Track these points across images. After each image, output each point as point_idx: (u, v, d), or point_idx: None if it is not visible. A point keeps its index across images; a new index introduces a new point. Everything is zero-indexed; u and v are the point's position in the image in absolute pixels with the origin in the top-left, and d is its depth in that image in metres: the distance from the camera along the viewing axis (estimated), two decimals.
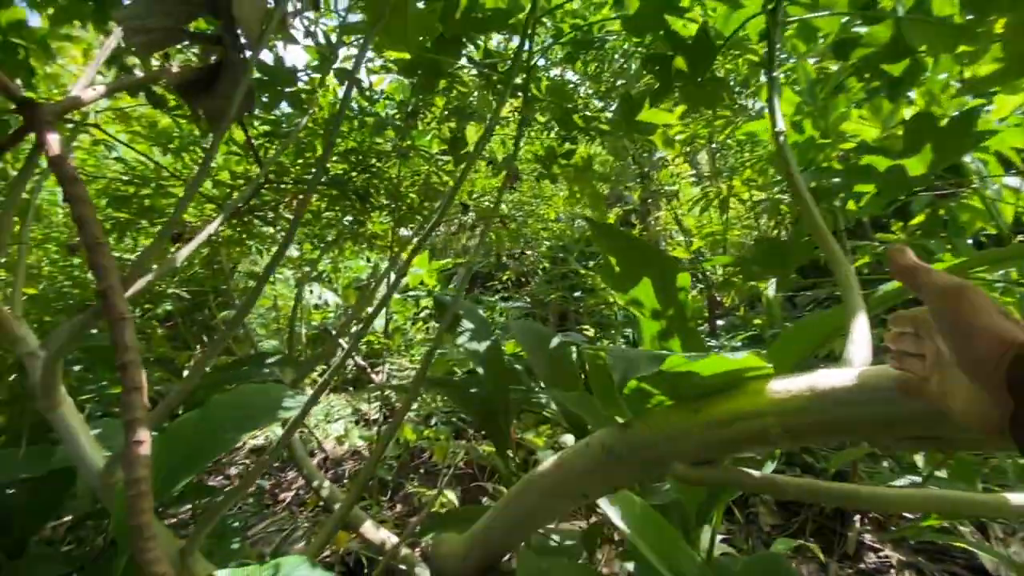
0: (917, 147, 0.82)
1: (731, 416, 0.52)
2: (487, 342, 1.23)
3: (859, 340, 0.53)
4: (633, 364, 0.48)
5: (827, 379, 0.47)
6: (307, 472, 1.76)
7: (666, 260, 1.08)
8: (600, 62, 2.64)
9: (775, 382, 0.51)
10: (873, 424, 0.45)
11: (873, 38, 1.08)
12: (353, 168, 2.30)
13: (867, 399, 0.45)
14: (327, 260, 3.92)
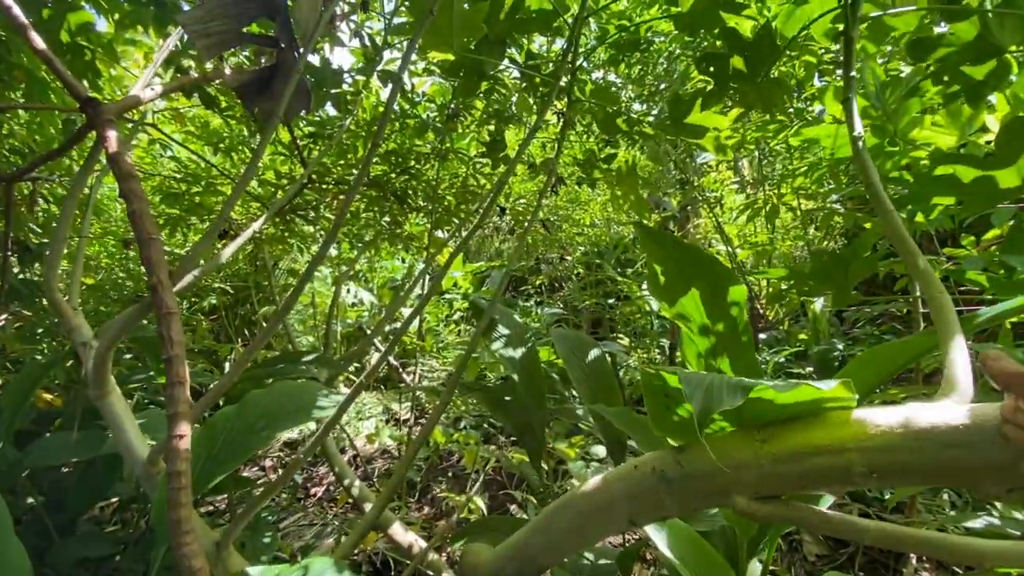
0: (1011, 156, 0.74)
1: (806, 450, 0.47)
2: (522, 349, 1.19)
3: (960, 372, 0.47)
4: (715, 395, 0.43)
5: (928, 415, 0.42)
6: (338, 469, 1.77)
7: (720, 270, 1.01)
8: (644, 64, 2.58)
9: (860, 414, 0.46)
10: (982, 470, 0.39)
11: (955, 37, 1.00)
12: (392, 169, 2.31)
13: (978, 441, 0.39)
14: (364, 260, 3.98)
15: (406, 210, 2.45)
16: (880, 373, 0.61)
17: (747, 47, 1.03)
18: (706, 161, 3.62)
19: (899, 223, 0.61)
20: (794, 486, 0.49)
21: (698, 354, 1.12)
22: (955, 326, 0.50)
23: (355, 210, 2.65)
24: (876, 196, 0.63)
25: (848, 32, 0.77)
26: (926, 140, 1.17)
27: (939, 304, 0.53)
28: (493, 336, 1.25)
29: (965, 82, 1.02)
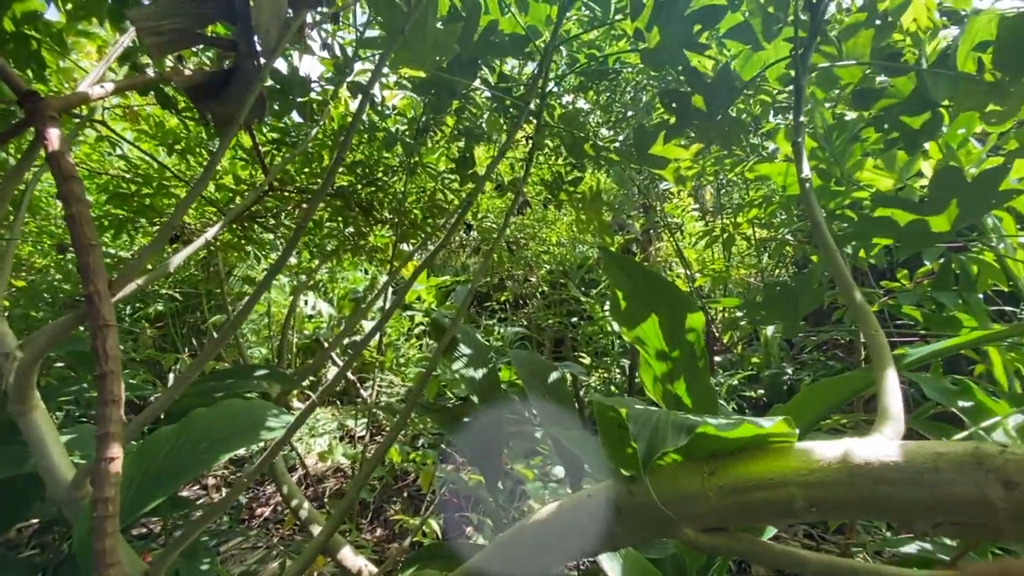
0: (942, 203, 0.80)
1: (750, 483, 0.48)
2: (483, 369, 1.18)
3: (891, 407, 0.49)
4: (659, 435, 0.44)
5: (862, 451, 0.43)
6: (286, 490, 1.69)
7: (679, 297, 1.04)
8: (612, 92, 2.66)
9: (801, 448, 0.47)
10: (913, 506, 0.41)
11: (895, 89, 1.08)
12: (359, 180, 2.28)
13: (910, 479, 0.41)
14: (325, 270, 3.88)
15: (371, 222, 2.41)
16: (824, 406, 0.64)
17: (707, 86, 1.08)
18: (668, 188, 3.75)
19: (839, 260, 0.64)
20: (740, 518, 0.50)
21: (655, 378, 1.15)
22: (889, 362, 0.53)
23: (318, 219, 2.60)
24: (819, 234, 0.67)
25: (798, 80, 0.82)
26: (868, 182, 1.25)
27: (874, 342, 0.56)
28: (454, 355, 1.23)
29: (903, 130, 1.10)
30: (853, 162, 1.20)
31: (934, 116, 1.04)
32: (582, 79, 2.18)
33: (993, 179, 0.77)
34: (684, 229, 3.26)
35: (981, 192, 0.78)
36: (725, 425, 0.45)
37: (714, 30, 1.21)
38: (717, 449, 0.53)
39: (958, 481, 0.39)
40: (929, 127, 1.06)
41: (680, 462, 0.56)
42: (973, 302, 1.25)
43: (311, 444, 2.95)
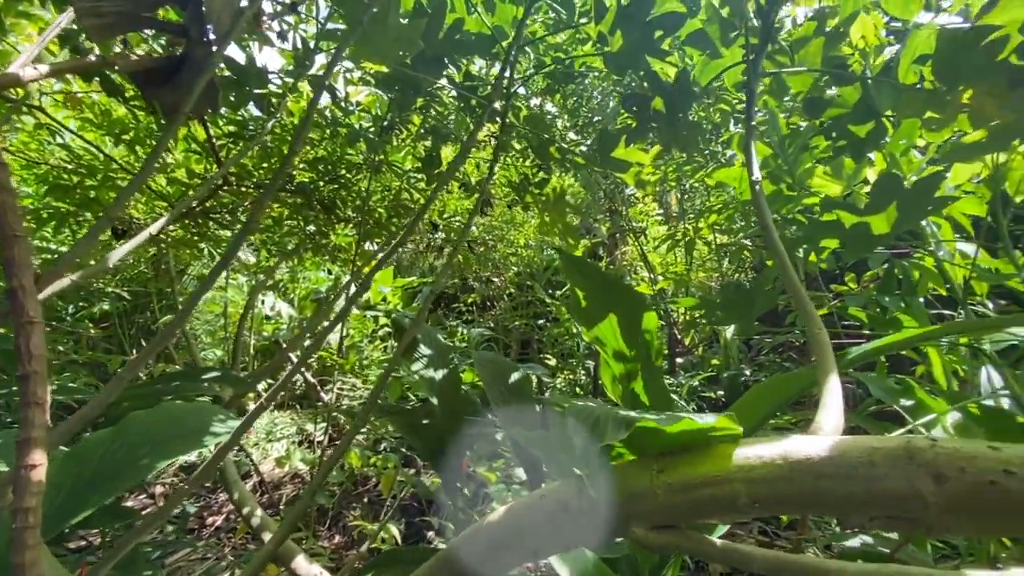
0: (882, 206, 0.83)
1: (697, 480, 0.48)
2: (444, 370, 1.17)
3: (831, 404, 0.50)
4: (599, 430, 0.43)
5: (802, 448, 0.44)
6: (237, 497, 1.62)
7: (635, 299, 1.05)
8: (579, 97, 2.69)
9: (745, 446, 0.48)
10: (849, 500, 0.42)
11: (842, 99, 1.12)
12: (320, 177, 2.22)
13: (845, 474, 0.42)
14: (285, 269, 3.77)
15: (333, 220, 2.35)
16: (772, 403, 0.65)
17: (667, 90, 1.10)
18: (634, 192, 3.81)
19: (787, 262, 0.66)
20: (688, 515, 0.50)
21: (614, 377, 1.15)
22: (831, 362, 0.55)
23: (277, 216, 2.52)
24: (769, 236, 0.68)
25: (750, 85, 0.84)
26: (818, 188, 1.29)
27: (818, 341, 0.57)
28: (414, 356, 1.21)
29: (850, 139, 1.14)
30: (804, 169, 1.24)
31: (878, 125, 1.09)
32: (549, 82, 2.19)
33: (929, 186, 0.81)
34: (648, 233, 3.32)
35: (918, 198, 0.82)
36: (665, 420, 0.45)
37: (675, 36, 1.23)
38: (666, 447, 0.53)
39: (891, 475, 0.40)
40: (874, 136, 1.11)
41: (630, 461, 0.56)
42: (914, 305, 1.32)
43: (268, 449, 2.85)
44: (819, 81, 1.13)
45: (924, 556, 0.96)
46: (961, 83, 0.73)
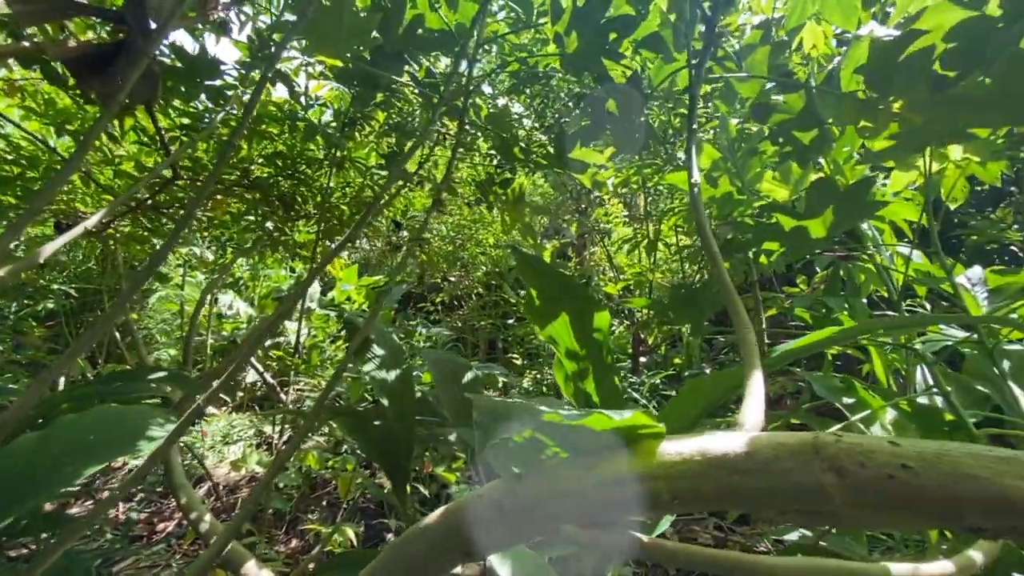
0: (819, 210, 0.86)
1: (622, 477, 0.48)
2: (397, 371, 1.15)
3: (753, 402, 0.52)
4: (499, 425, 0.43)
5: (718, 444, 0.45)
6: (185, 501, 1.56)
7: (586, 298, 1.06)
8: (545, 98, 2.70)
9: (668, 444, 0.48)
10: (761, 495, 0.43)
11: (788, 106, 1.16)
12: (280, 172, 2.16)
13: (757, 470, 0.42)
14: (246, 267, 3.66)
15: (293, 216, 2.29)
16: (705, 402, 0.67)
17: (620, 92, 1.11)
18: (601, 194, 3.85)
19: (720, 263, 0.67)
20: (617, 512, 0.51)
21: (566, 376, 1.16)
22: (756, 360, 0.56)
23: (235, 212, 2.44)
24: (704, 237, 0.70)
25: (692, 89, 0.86)
26: (767, 192, 1.33)
27: (744, 340, 0.59)
28: (367, 356, 1.19)
29: (795, 145, 1.18)
30: (754, 173, 1.28)
31: (822, 132, 1.13)
32: (514, 81, 2.19)
33: (861, 190, 0.84)
34: (612, 235, 3.37)
35: (852, 202, 0.85)
36: (573, 416, 0.45)
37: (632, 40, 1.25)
38: (599, 446, 0.53)
39: (798, 470, 0.41)
40: (818, 142, 1.14)
41: (565, 459, 0.56)
42: (857, 306, 1.37)
43: (224, 452, 2.76)
44: (766, 88, 1.16)
45: (859, 548, 1.00)
46: (891, 92, 0.76)
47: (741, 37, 1.35)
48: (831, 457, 0.40)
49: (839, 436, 0.41)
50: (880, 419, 1.21)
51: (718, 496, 0.45)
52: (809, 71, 1.19)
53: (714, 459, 0.45)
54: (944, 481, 0.36)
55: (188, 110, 1.92)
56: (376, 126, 2.29)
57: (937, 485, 0.36)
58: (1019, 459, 0.35)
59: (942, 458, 0.37)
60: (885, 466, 0.38)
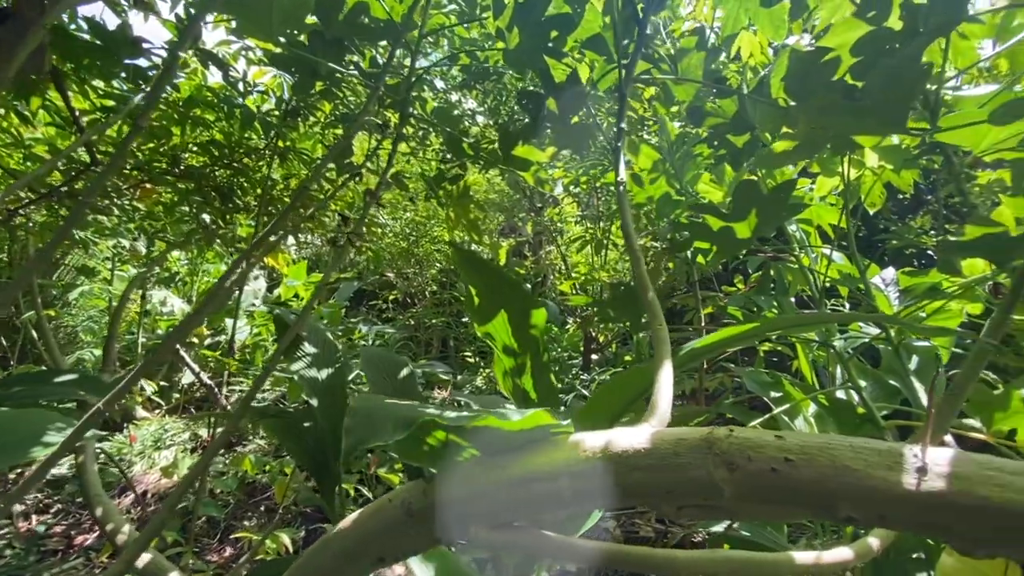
0: (743, 212, 0.89)
1: (531, 475, 0.48)
2: (329, 369, 1.11)
3: (661, 398, 0.52)
4: (374, 428, 0.42)
5: (621, 440, 0.45)
6: (100, 513, 1.45)
7: (524, 295, 1.05)
8: (499, 95, 2.68)
9: (575, 440, 0.48)
10: (659, 490, 0.43)
11: (722, 111, 1.19)
12: (216, 162, 2.05)
13: (657, 465, 0.43)
14: (184, 261, 3.46)
15: (231, 209, 2.18)
16: (623, 398, 0.67)
17: (559, 90, 1.11)
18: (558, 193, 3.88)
19: (640, 260, 0.68)
20: (524, 511, 0.50)
21: (505, 372, 1.15)
22: (667, 356, 0.57)
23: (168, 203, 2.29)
24: (627, 235, 0.70)
25: (621, 89, 0.87)
26: (704, 193, 1.37)
27: (657, 337, 0.59)
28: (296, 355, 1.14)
29: (729, 148, 1.21)
30: (692, 174, 1.31)
31: (753, 136, 1.17)
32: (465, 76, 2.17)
33: (784, 192, 0.87)
34: (565, 234, 3.40)
35: (773, 204, 0.88)
36: (461, 418, 0.44)
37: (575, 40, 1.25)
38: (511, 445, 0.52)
39: (693, 465, 0.41)
40: (749, 146, 1.18)
41: (475, 461, 0.55)
42: (785, 304, 1.43)
43: (155, 458, 2.59)
44: (701, 92, 1.19)
45: (778, 536, 1.04)
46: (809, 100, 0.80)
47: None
48: (723, 452, 0.40)
49: (732, 431, 0.41)
50: (803, 412, 1.27)
51: (620, 492, 0.45)
52: (742, 78, 1.23)
53: (616, 455, 0.44)
54: (822, 474, 0.37)
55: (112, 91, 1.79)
56: (322, 117, 2.21)
57: (815, 478, 0.37)
58: (892, 451, 0.37)
59: (824, 451, 0.38)
60: (770, 460, 0.39)
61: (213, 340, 3.49)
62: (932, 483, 0.34)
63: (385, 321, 3.89)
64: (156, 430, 2.78)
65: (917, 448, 0.36)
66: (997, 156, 0.96)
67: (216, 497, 2.27)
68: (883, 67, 0.63)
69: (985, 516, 0.33)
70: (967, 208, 1.01)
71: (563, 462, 0.47)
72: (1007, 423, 0.98)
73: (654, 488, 0.43)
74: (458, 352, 3.54)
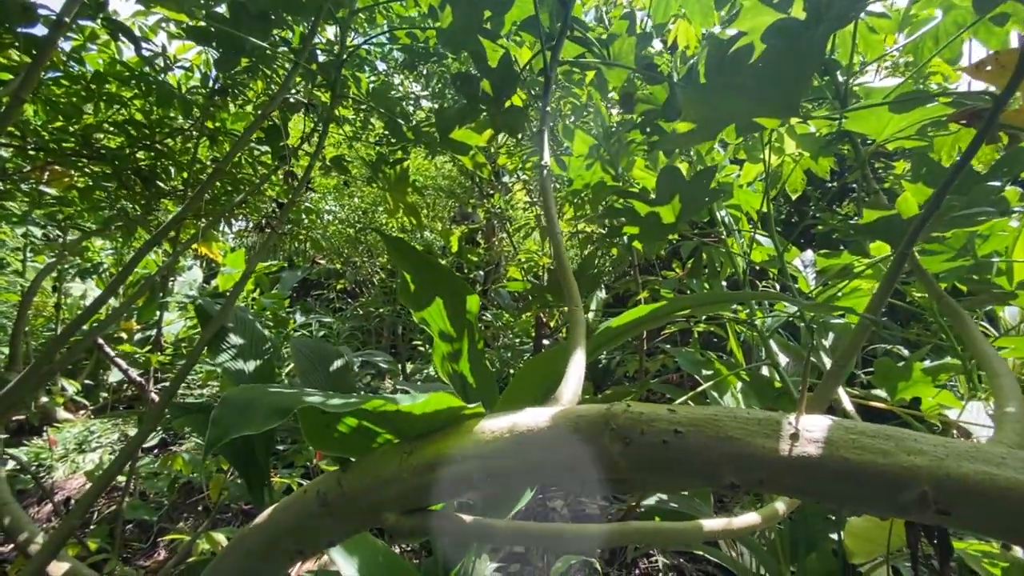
0: (667, 197, 0.92)
1: (440, 459, 0.47)
2: (257, 361, 1.06)
3: (571, 378, 0.53)
4: (244, 417, 0.40)
5: (527, 421, 0.45)
6: (9, 522, 1.34)
7: (457, 282, 1.05)
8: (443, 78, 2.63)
9: (485, 422, 0.48)
10: (562, 467, 0.44)
11: (653, 97, 1.21)
12: (134, 143, 1.90)
13: (558, 443, 0.43)
14: (108, 251, 3.23)
15: (155, 194, 2.03)
16: (542, 381, 0.68)
17: (492, 72, 1.09)
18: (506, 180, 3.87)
19: (561, 244, 0.69)
20: (434, 496, 0.50)
21: (443, 358, 1.14)
22: (581, 338, 0.58)
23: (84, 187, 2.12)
24: (549, 220, 0.70)
25: (546, 72, 0.86)
26: (639, 179, 1.39)
27: (573, 319, 0.60)
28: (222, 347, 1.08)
29: (661, 134, 1.24)
30: (627, 160, 1.33)
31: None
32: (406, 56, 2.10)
33: (705, 178, 0.90)
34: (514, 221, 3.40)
35: (696, 190, 0.91)
36: (349, 404, 0.43)
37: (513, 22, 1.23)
38: (422, 429, 0.52)
39: (592, 440, 0.42)
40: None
41: (385, 448, 0.54)
42: (716, 287, 1.49)
43: (79, 462, 2.43)
44: (633, 78, 1.20)
45: (704, 506, 1.09)
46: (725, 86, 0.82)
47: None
48: (619, 427, 0.41)
49: (628, 407, 0.42)
50: (732, 388, 1.34)
51: (527, 471, 0.46)
52: (672, 65, 1.25)
53: (521, 435, 0.45)
54: (707, 444, 0.39)
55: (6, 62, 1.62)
56: (253, 96, 2.09)
57: (701, 448, 0.39)
58: (769, 420, 0.39)
59: (710, 423, 0.39)
60: (661, 433, 0.40)
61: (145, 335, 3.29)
62: (803, 448, 0.36)
63: (334, 312, 3.78)
64: (80, 432, 2.59)
65: (793, 417, 0.38)
66: (897, 144, 1.03)
67: (149, 500, 2.16)
68: (775, 54, 0.65)
69: (846, 477, 0.35)
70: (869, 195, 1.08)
71: (471, 445, 0.46)
72: (909, 392, 1.07)
73: (557, 465, 0.44)
74: (408, 341, 3.50)
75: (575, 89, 1.88)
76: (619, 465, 0.41)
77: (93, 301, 1.18)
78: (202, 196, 1.03)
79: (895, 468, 0.34)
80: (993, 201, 0.87)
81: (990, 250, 1.07)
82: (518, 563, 1.71)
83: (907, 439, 0.35)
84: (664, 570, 1.76)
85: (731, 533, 0.63)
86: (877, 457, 0.35)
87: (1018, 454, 0.34)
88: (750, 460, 0.37)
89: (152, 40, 1.87)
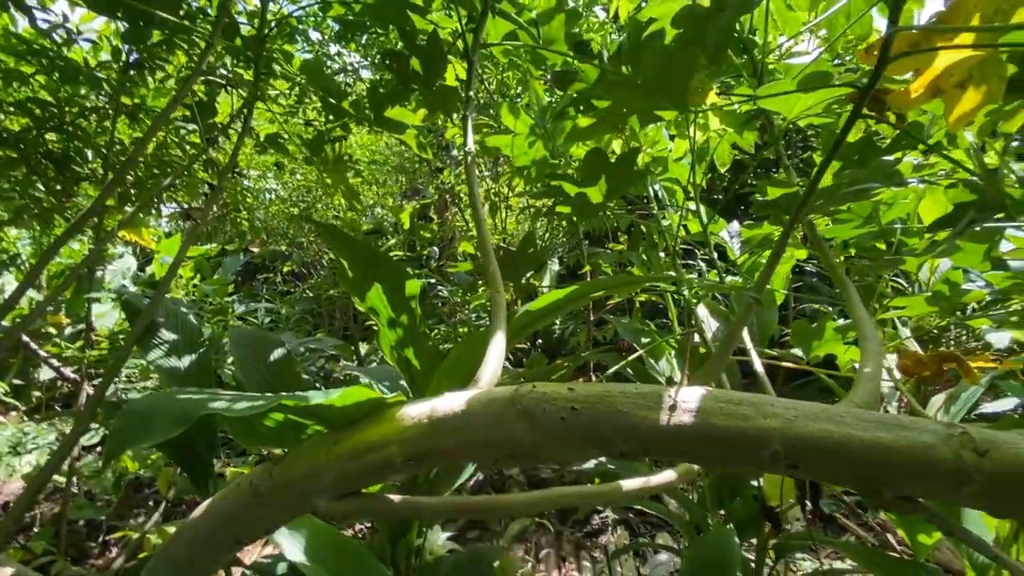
0: (593, 178, 0.95)
1: (363, 447, 0.50)
2: (191, 356, 1.04)
3: (490, 360, 0.56)
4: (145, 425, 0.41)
5: (443, 405, 0.48)
6: None
7: (395, 268, 1.05)
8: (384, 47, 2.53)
9: (406, 408, 0.50)
10: (477, 447, 0.47)
11: (586, 75, 1.22)
12: (42, 124, 1.75)
13: (472, 424, 0.46)
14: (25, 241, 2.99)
15: (69, 178, 1.89)
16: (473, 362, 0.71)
17: (421, 50, 1.08)
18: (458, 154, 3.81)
19: (484, 229, 0.71)
20: (361, 481, 0.52)
21: (390, 345, 1.16)
22: (501, 322, 0.61)
23: None
24: (472, 201, 0.72)
25: (468, 53, 0.86)
26: (578, 157, 1.42)
27: (495, 303, 0.63)
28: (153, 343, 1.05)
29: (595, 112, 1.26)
30: (564, 138, 1.35)
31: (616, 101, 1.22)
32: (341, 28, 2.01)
33: (627, 160, 0.94)
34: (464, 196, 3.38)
35: (620, 170, 0.94)
36: (258, 405, 0.45)
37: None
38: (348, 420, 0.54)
39: (502, 420, 0.46)
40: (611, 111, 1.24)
41: (312, 439, 0.56)
42: (654, 259, 1.55)
43: (15, 465, 2.31)
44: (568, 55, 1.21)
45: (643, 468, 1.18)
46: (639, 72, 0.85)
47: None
48: (525, 406, 0.45)
49: (534, 387, 0.46)
50: (667, 353, 1.42)
51: (446, 453, 0.49)
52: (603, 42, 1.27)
53: (438, 419, 0.48)
54: (599, 418, 0.43)
55: None
56: (173, 71, 1.96)
57: (594, 422, 0.43)
58: (653, 393, 0.43)
59: (602, 399, 0.44)
60: (560, 410, 0.44)
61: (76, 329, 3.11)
62: (679, 417, 0.41)
63: (282, 295, 3.67)
64: (13, 434, 2.46)
65: (674, 390, 0.43)
66: (808, 121, 1.09)
67: (96, 499, 2.10)
68: (657, 48, 0.68)
69: (715, 440, 0.40)
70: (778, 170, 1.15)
71: (393, 432, 0.49)
72: (823, 349, 1.18)
73: (473, 446, 0.47)
74: (362, 323, 3.46)
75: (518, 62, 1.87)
76: (524, 441, 0.45)
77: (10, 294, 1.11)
78: (123, 179, 0.98)
79: (753, 430, 0.39)
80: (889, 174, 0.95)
81: (894, 216, 1.17)
82: (476, 530, 1.78)
83: (765, 404, 0.40)
84: (613, 524, 1.89)
85: (649, 490, 0.70)
86: (740, 422, 0.40)
87: (856, 412, 0.40)
88: (636, 431, 0.42)
89: (50, 8, 1.71)
